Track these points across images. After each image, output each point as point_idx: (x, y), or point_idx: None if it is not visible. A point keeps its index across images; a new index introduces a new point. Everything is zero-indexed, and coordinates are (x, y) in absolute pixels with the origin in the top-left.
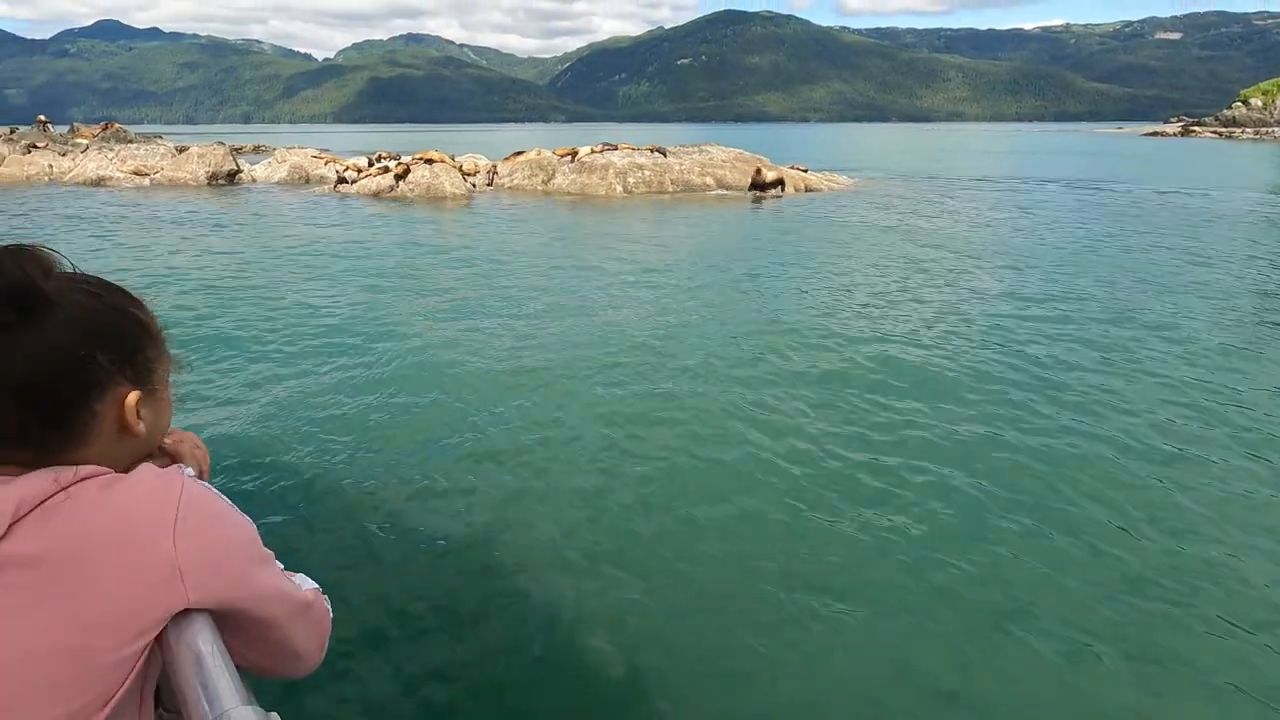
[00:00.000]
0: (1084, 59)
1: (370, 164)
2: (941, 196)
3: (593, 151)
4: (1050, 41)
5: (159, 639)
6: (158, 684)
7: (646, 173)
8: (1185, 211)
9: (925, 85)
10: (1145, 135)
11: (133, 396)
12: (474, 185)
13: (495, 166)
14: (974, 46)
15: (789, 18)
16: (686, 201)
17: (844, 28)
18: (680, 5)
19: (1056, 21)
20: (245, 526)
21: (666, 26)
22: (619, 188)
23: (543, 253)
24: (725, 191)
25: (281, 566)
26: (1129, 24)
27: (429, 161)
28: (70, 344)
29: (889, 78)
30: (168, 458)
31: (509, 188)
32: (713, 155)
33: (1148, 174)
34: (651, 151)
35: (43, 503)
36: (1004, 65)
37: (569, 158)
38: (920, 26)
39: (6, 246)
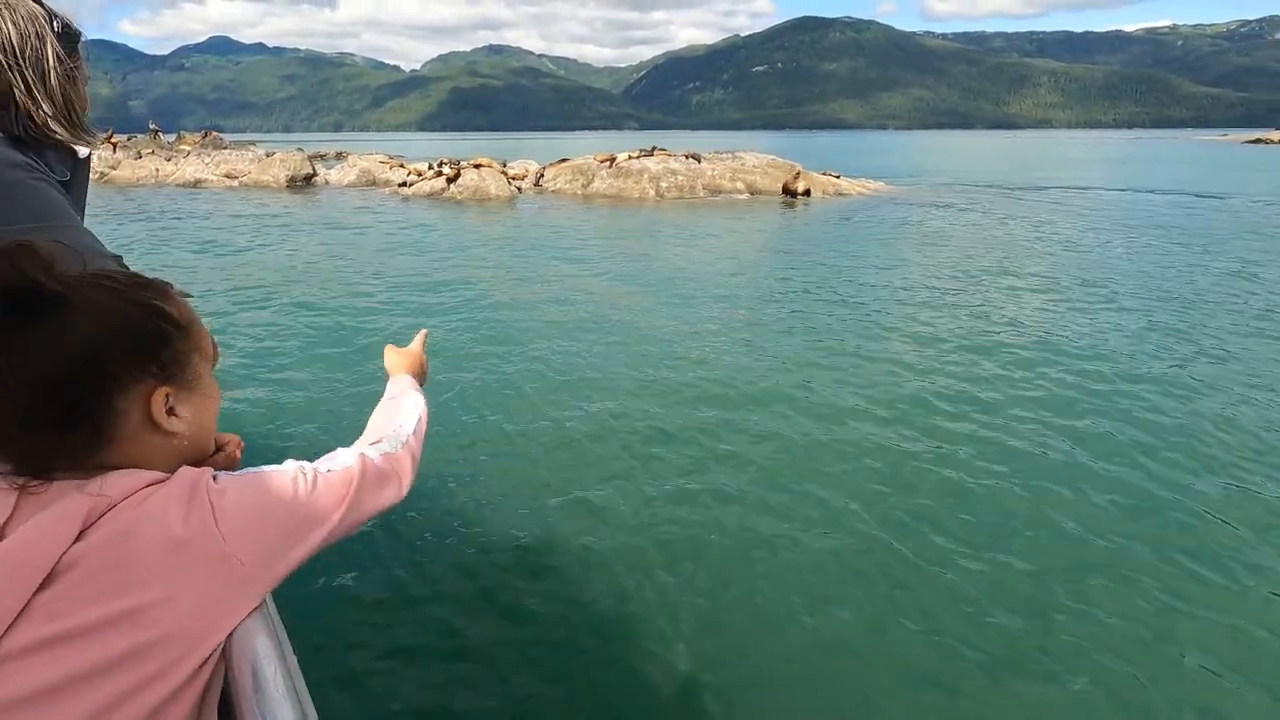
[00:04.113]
0: (1192, 62)
1: (430, 169)
2: (968, 203)
3: (630, 157)
4: (1154, 43)
5: (223, 650)
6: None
7: (679, 178)
8: (1212, 218)
9: (1013, 91)
10: (1247, 143)
11: (160, 394)
12: (519, 188)
13: (543, 171)
14: (1069, 49)
15: (869, 23)
16: (713, 205)
17: (928, 32)
18: (758, 13)
19: (1162, 22)
20: (274, 478)
21: (743, 34)
22: (651, 191)
23: (549, 247)
24: (754, 196)
25: (325, 468)
26: (1245, 23)
27: (478, 167)
28: (82, 342)
29: (974, 83)
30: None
31: (552, 191)
32: (745, 161)
33: (1210, 180)
34: (686, 157)
35: (103, 514)
36: (1100, 69)
37: (607, 163)
38: (1010, 30)
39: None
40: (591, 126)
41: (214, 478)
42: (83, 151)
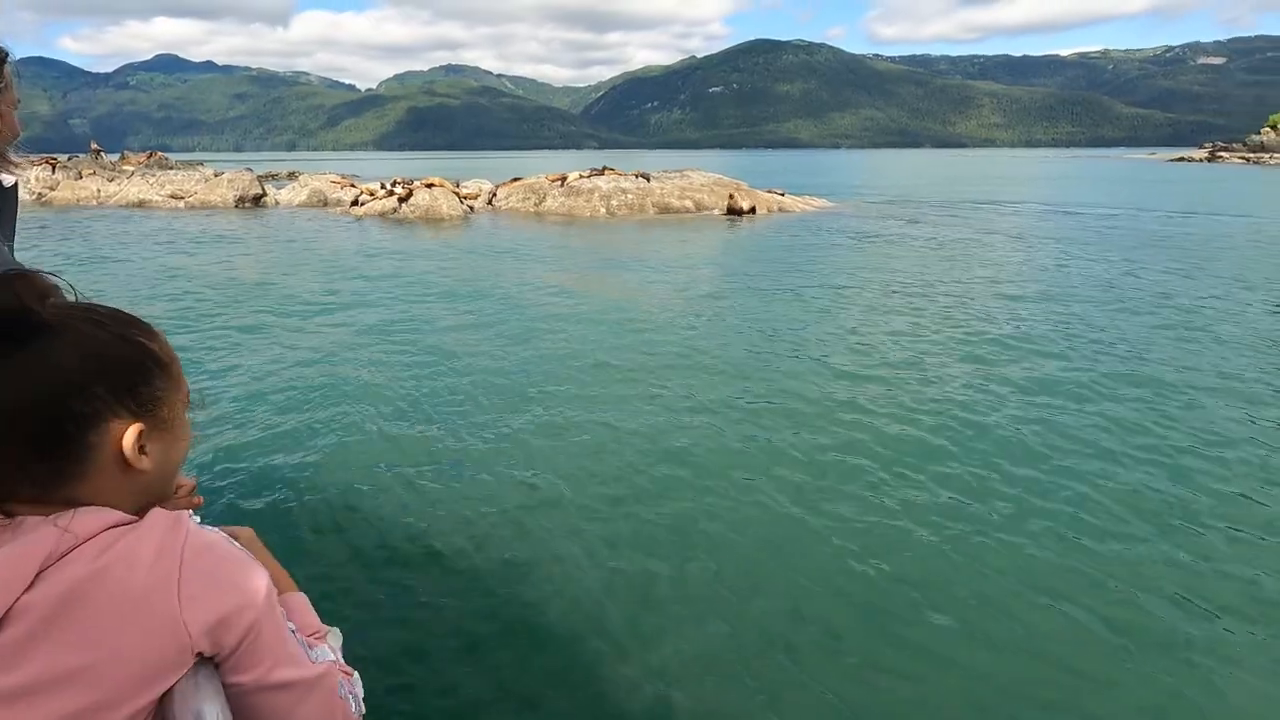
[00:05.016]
0: (1122, 84)
1: (382, 188)
2: (904, 218)
3: (581, 177)
4: (1087, 67)
5: (162, 702)
6: None
7: (629, 196)
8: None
9: (958, 111)
10: (1171, 161)
11: (133, 430)
12: (471, 207)
13: (495, 190)
14: (1009, 73)
15: (821, 46)
16: (662, 222)
17: (877, 55)
18: (712, 36)
19: (1094, 47)
20: (255, 577)
21: (699, 56)
22: (602, 209)
23: (498, 265)
24: (702, 213)
25: (293, 628)
26: (1170, 49)
27: (430, 186)
28: (65, 372)
29: (921, 104)
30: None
31: (505, 209)
32: (692, 180)
33: (1124, 197)
34: (636, 176)
35: (64, 555)
36: (1038, 91)
37: (559, 182)
38: (954, 54)
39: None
40: (551, 145)
41: (190, 533)
42: (8, 180)
